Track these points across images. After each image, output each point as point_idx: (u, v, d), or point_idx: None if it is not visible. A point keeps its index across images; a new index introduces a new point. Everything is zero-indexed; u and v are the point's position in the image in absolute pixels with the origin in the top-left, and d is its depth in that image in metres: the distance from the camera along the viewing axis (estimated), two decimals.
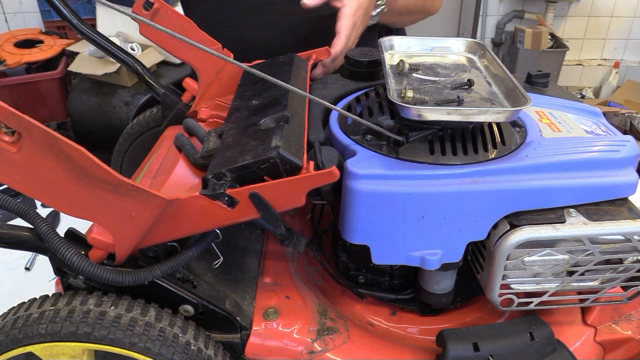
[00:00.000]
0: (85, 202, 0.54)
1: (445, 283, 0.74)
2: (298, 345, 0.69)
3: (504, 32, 3.46)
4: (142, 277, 0.60)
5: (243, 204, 0.58)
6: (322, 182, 0.57)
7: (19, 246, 0.65)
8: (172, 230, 0.60)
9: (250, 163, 0.57)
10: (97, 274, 0.59)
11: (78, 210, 0.56)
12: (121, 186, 0.53)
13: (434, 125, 0.66)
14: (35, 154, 0.51)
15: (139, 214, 0.55)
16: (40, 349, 0.61)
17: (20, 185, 0.53)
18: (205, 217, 0.59)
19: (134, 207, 0.55)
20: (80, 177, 0.52)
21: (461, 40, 0.81)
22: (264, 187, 0.57)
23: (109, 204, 0.54)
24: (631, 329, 0.76)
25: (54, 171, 0.52)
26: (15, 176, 0.52)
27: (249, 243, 0.83)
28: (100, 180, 0.52)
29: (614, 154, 0.66)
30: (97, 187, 0.53)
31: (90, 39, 0.90)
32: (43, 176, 0.52)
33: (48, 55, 2.40)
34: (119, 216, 0.56)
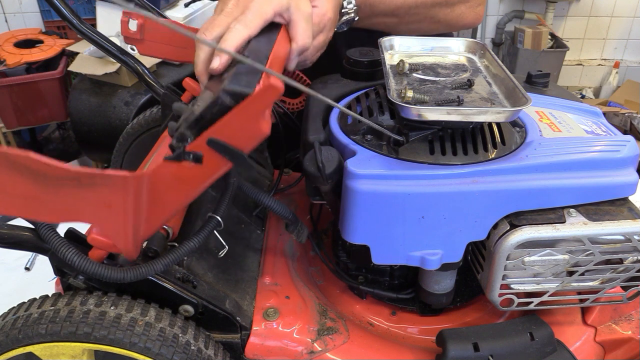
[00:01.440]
0: (59, 206, 0.53)
1: (445, 283, 0.74)
2: (298, 345, 0.69)
3: (504, 32, 3.46)
4: (143, 272, 0.60)
5: (207, 155, 0.54)
6: (270, 98, 0.52)
7: (19, 246, 0.65)
8: (162, 209, 0.58)
9: (203, 112, 0.54)
10: (98, 272, 0.58)
11: (57, 215, 0.54)
12: (81, 178, 0.51)
13: (434, 125, 0.66)
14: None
15: (113, 200, 0.53)
16: (40, 349, 0.61)
17: (2, 208, 0.53)
18: (181, 184, 0.56)
19: (105, 195, 0.52)
20: (42, 182, 0.51)
21: (461, 40, 0.81)
22: (217, 129, 0.53)
23: (80, 199, 0.52)
24: (631, 329, 0.76)
25: (21, 184, 0.51)
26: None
27: (249, 243, 0.83)
28: (59, 178, 0.51)
29: (614, 154, 0.66)
30: (62, 187, 0.51)
31: (90, 39, 0.90)
32: (14, 193, 0.52)
33: (48, 55, 2.40)
34: (95, 209, 0.54)
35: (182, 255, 0.62)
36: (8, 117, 2.40)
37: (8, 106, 2.35)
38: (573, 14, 3.44)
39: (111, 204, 0.53)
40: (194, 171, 0.55)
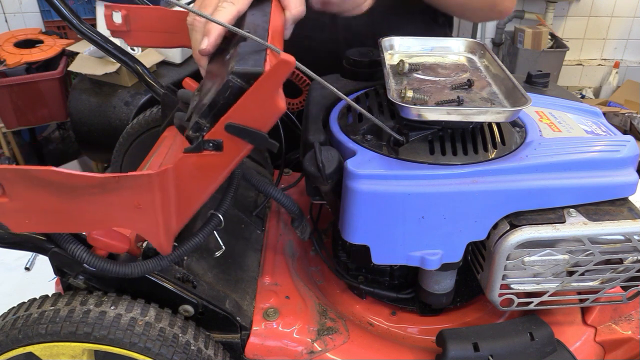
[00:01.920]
0: (89, 215, 0.53)
1: (445, 283, 0.74)
2: (298, 345, 0.69)
3: (504, 32, 3.46)
4: (150, 267, 0.60)
5: (228, 141, 0.54)
6: (283, 74, 0.51)
7: (19, 246, 0.65)
8: (190, 200, 0.57)
9: (215, 98, 0.53)
10: (106, 268, 0.59)
11: (89, 225, 0.55)
12: (106, 184, 0.51)
13: (434, 125, 0.66)
14: (23, 193, 0.51)
15: (141, 200, 0.53)
16: (40, 349, 0.61)
17: (32, 225, 0.54)
18: (204, 173, 0.56)
19: (132, 197, 0.53)
20: (68, 194, 0.51)
21: (461, 40, 0.81)
22: (233, 113, 0.52)
23: (109, 205, 0.53)
24: (631, 329, 0.76)
25: (47, 200, 0.51)
26: (25, 221, 0.53)
27: (249, 243, 0.83)
28: (84, 187, 0.51)
29: (614, 154, 0.66)
30: (88, 195, 0.52)
31: (90, 39, 0.90)
32: (43, 209, 0.52)
33: (48, 55, 2.40)
34: (126, 212, 0.54)
35: (187, 251, 0.62)
36: (8, 117, 2.41)
37: (8, 106, 2.35)
38: (573, 14, 3.44)
39: (140, 204, 0.53)
40: (215, 159, 0.55)
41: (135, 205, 0.53)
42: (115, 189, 0.52)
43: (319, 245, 0.82)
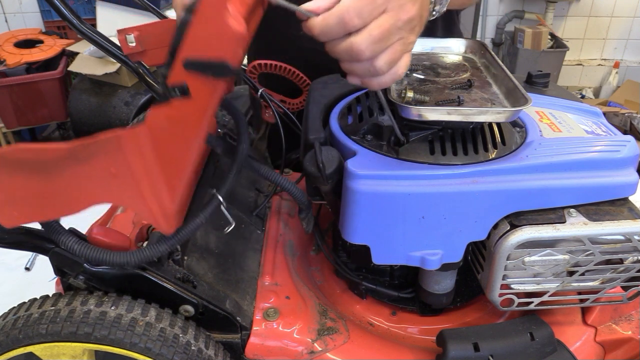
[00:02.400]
0: (70, 194, 0.51)
1: (446, 283, 0.74)
2: (298, 345, 0.69)
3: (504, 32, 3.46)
4: (147, 254, 0.58)
5: (192, 82, 0.50)
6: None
7: (19, 246, 0.65)
8: (174, 163, 0.52)
9: (174, 42, 0.50)
10: (101, 258, 0.57)
11: (72, 205, 0.52)
12: (76, 153, 0.48)
13: (434, 125, 0.66)
14: (3, 182, 0.49)
15: (115, 166, 0.49)
16: (41, 349, 0.61)
17: (22, 217, 0.52)
18: (181, 126, 0.51)
19: (105, 164, 0.49)
20: (43, 172, 0.49)
21: (461, 40, 0.81)
22: (186, 49, 0.49)
23: (86, 177, 0.50)
24: (631, 329, 0.76)
25: (27, 184, 0.50)
26: (14, 213, 0.52)
27: (249, 243, 0.83)
28: (55, 161, 0.48)
29: (614, 154, 0.66)
30: (62, 170, 0.49)
31: (90, 39, 0.90)
32: (25, 196, 0.51)
33: (48, 55, 2.40)
34: (104, 183, 0.50)
35: (186, 235, 0.59)
36: (8, 117, 2.41)
37: (8, 106, 2.35)
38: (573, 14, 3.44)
39: (116, 172, 0.49)
40: (187, 107, 0.51)
41: (112, 174, 0.49)
42: (86, 157, 0.49)
43: (320, 239, 0.82)
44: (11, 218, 0.53)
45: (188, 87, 0.50)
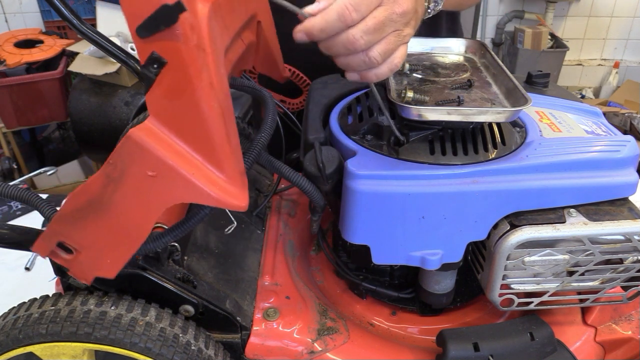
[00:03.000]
0: (132, 216, 0.50)
1: (446, 283, 0.74)
2: (298, 345, 0.69)
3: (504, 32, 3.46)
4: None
5: (157, 46, 0.46)
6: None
7: (19, 246, 0.65)
8: (204, 128, 0.48)
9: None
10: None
11: (143, 225, 0.51)
12: (108, 173, 0.48)
13: (434, 125, 0.66)
14: (77, 236, 0.52)
15: (149, 167, 0.48)
16: (41, 349, 0.61)
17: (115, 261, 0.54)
18: (186, 93, 0.47)
19: (139, 170, 0.48)
20: (102, 208, 0.50)
21: (461, 40, 0.81)
22: (129, 19, 0.46)
23: (132, 193, 0.49)
24: (631, 329, 0.76)
25: (98, 229, 0.51)
26: (107, 261, 0.54)
27: (249, 243, 0.83)
28: (102, 192, 0.49)
29: (614, 154, 0.66)
30: (112, 197, 0.49)
31: (90, 39, 0.90)
32: (105, 240, 0.52)
33: (48, 55, 2.40)
34: (151, 188, 0.48)
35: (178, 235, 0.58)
36: (8, 117, 2.41)
37: (8, 106, 2.35)
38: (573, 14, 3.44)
39: (153, 172, 0.48)
40: (175, 78, 0.47)
41: (151, 177, 0.48)
42: (120, 174, 0.48)
43: (321, 238, 0.82)
44: (110, 267, 0.54)
45: (159, 55, 0.46)
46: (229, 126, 0.50)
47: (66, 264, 0.56)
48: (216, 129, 0.48)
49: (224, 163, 0.49)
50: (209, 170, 0.49)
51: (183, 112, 0.48)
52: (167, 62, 0.46)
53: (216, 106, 0.48)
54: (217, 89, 0.48)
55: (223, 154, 0.49)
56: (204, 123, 0.48)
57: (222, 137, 0.49)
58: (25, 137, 2.70)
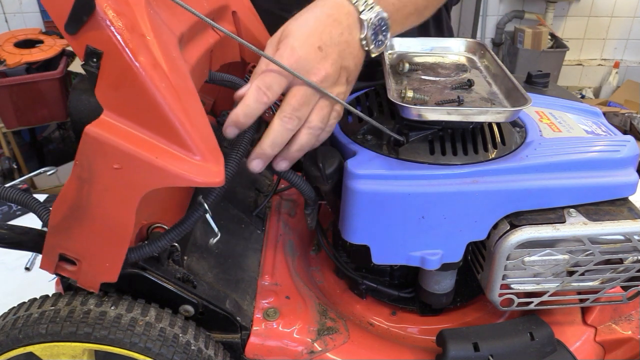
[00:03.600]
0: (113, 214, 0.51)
1: (446, 283, 0.74)
2: (298, 345, 0.69)
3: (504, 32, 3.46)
4: (131, 256, 0.58)
5: (91, 40, 0.46)
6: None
7: (19, 246, 0.65)
8: (159, 111, 0.47)
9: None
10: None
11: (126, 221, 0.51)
12: (78, 174, 0.48)
13: (434, 125, 0.66)
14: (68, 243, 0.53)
15: (113, 160, 0.48)
16: (41, 349, 0.61)
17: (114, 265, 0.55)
18: (134, 78, 0.46)
19: (104, 166, 0.48)
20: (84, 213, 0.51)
21: (461, 40, 0.81)
22: (55, 18, 0.47)
23: (105, 190, 0.49)
24: (631, 329, 0.76)
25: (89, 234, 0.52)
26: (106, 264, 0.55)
27: (249, 243, 0.83)
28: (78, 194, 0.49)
29: (614, 154, 0.66)
30: (89, 198, 0.49)
31: None
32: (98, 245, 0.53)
33: (48, 55, 2.40)
34: (121, 182, 0.48)
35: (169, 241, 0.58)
36: (8, 117, 2.41)
37: (8, 106, 2.35)
38: (573, 14, 3.44)
39: (119, 165, 0.47)
40: (115, 58, 0.46)
41: (117, 169, 0.47)
42: (89, 173, 0.48)
43: (321, 235, 0.82)
44: (110, 270, 0.55)
45: (93, 47, 0.46)
46: (189, 105, 0.49)
47: (73, 276, 0.57)
48: (171, 109, 0.47)
49: (188, 142, 0.48)
50: (174, 151, 0.48)
51: (132, 98, 0.47)
52: (102, 52, 0.46)
53: (165, 86, 0.47)
54: (165, 70, 0.47)
55: (185, 133, 0.48)
56: (155, 105, 0.47)
57: (179, 116, 0.47)
58: (25, 137, 2.70)
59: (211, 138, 0.51)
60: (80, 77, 1.95)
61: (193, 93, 0.51)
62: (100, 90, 0.48)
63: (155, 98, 0.46)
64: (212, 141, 0.51)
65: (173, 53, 0.51)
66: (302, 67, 0.57)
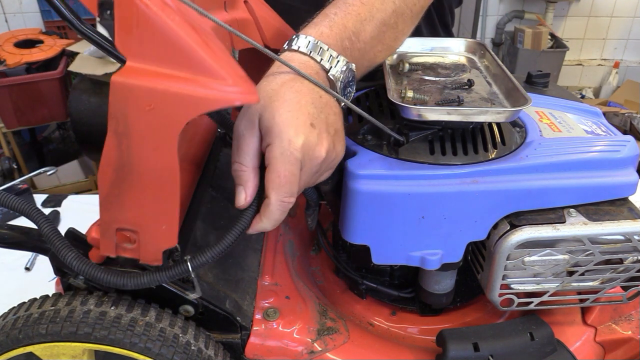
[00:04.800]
0: (153, 162, 0.50)
1: (446, 283, 0.74)
2: (298, 345, 0.69)
3: (504, 32, 3.46)
4: (145, 281, 0.57)
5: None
6: None
7: (19, 246, 0.65)
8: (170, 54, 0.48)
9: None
10: (96, 276, 0.56)
11: (167, 166, 0.50)
12: (116, 129, 0.49)
13: (434, 125, 0.66)
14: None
15: (146, 103, 0.48)
16: (41, 349, 0.61)
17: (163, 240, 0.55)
18: (140, 24, 0.47)
19: (136, 109, 0.48)
20: (126, 172, 0.50)
21: (461, 40, 0.81)
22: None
23: (141, 135, 0.49)
24: (631, 329, 0.76)
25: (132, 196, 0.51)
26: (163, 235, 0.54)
27: (249, 243, 0.83)
28: (118, 154, 0.49)
29: (614, 154, 0.67)
30: (129, 153, 0.49)
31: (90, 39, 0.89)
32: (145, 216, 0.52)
33: (48, 55, 2.40)
34: (153, 122, 0.48)
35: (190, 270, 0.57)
36: (8, 117, 2.41)
37: (8, 106, 2.35)
38: (573, 14, 3.44)
39: (150, 104, 0.47)
40: (125, 4, 0.47)
41: (149, 110, 0.47)
42: (124, 125, 0.48)
43: (321, 235, 0.82)
44: (168, 234, 0.54)
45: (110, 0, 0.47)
46: (207, 38, 0.49)
47: (135, 254, 0.55)
48: (191, 40, 0.46)
49: (215, 67, 0.47)
50: (203, 79, 0.47)
51: (149, 37, 0.46)
52: (113, 0, 0.47)
53: (179, 19, 0.46)
54: (174, 8, 0.47)
55: (210, 60, 0.47)
56: (174, 38, 0.46)
57: (200, 45, 0.47)
58: (25, 137, 2.70)
59: (236, 65, 0.50)
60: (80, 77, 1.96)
61: (209, 32, 0.51)
62: (119, 40, 0.48)
63: (172, 32, 0.46)
64: (238, 68, 0.50)
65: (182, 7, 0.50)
66: (306, 153, 0.54)
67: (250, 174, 0.55)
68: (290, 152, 0.53)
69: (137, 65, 0.48)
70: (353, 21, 0.62)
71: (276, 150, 0.53)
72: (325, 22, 0.61)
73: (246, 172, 0.55)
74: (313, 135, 0.54)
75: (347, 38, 0.61)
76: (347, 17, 0.61)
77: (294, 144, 0.53)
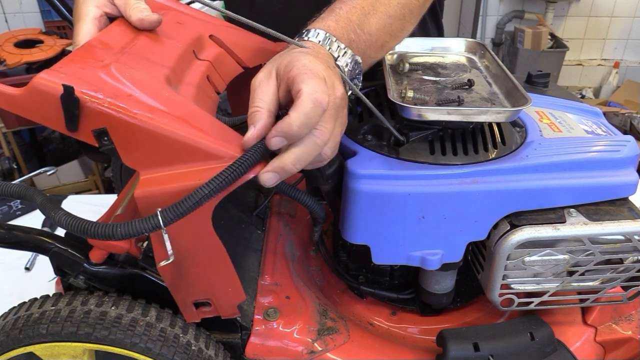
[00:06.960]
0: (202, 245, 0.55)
1: (446, 283, 0.74)
2: (298, 345, 0.69)
3: (504, 32, 3.46)
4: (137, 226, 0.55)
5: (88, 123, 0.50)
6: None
7: (19, 246, 0.65)
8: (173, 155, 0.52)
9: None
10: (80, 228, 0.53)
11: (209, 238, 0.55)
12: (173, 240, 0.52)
13: (434, 125, 0.66)
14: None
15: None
16: (41, 349, 0.61)
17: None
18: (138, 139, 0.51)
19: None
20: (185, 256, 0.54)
21: (461, 40, 0.81)
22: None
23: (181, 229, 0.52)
24: (631, 329, 0.76)
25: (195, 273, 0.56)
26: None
27: (249, 243, 0.83)
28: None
29: (614, 154, 0.67)
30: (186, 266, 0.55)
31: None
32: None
33: (48, 55, 2.40)
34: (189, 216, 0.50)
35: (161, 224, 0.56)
36: (8, 117, 2.40)
37: None
38: (573, 14, 3.44)
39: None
40: (117, 126, 0.50)
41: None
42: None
43: (321, 243, 0.82)
44: (234, 290, 0.61)
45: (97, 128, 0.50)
46: (200, 123, 0.53)
47: (215, 314, 0.62)
48: (187, 135, 0.51)
49: (213, 151, 0.52)
50: (214, 164, 0.51)
51: (150, 147, 0.51)
52: (105, 127, 0.50)
53: (169, 119, 0.51)
54: (162, 109, 0.51)
55: (210, 147, 0.51)
56: (172, 140, 0.50)
57: (197, 137, 0.51)
58: (25, 137, 2.70)
59: (233, 134, 0.54)
60: None
61: (200, 111, 0.54)
62: (126, 158, 0.51)
63: (167, 135, 0.50)
64: (235, 136, 0.54)
65: (165, 93, 0.54)
66: (328, 87, 0.53)
67: (264, 114, 0.53)
68: (316, 73, 0.53)
69: (149, 174, 0.51)
70: (357, 15, 0.64)
71: (304, 75, 0.52)
72: (332, 17, 0.63)
73: (260, 112, 0.53)
74: (330, 77, 0.55)
75: (352, 31, 0.63)
76: (351, 11, 0.64)
77: (320, 73, 0.53)
